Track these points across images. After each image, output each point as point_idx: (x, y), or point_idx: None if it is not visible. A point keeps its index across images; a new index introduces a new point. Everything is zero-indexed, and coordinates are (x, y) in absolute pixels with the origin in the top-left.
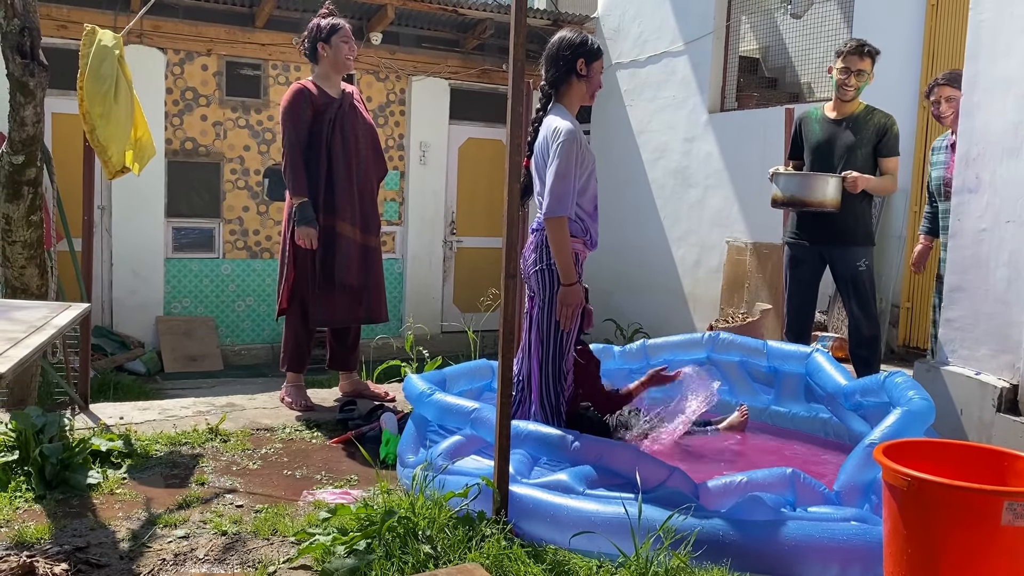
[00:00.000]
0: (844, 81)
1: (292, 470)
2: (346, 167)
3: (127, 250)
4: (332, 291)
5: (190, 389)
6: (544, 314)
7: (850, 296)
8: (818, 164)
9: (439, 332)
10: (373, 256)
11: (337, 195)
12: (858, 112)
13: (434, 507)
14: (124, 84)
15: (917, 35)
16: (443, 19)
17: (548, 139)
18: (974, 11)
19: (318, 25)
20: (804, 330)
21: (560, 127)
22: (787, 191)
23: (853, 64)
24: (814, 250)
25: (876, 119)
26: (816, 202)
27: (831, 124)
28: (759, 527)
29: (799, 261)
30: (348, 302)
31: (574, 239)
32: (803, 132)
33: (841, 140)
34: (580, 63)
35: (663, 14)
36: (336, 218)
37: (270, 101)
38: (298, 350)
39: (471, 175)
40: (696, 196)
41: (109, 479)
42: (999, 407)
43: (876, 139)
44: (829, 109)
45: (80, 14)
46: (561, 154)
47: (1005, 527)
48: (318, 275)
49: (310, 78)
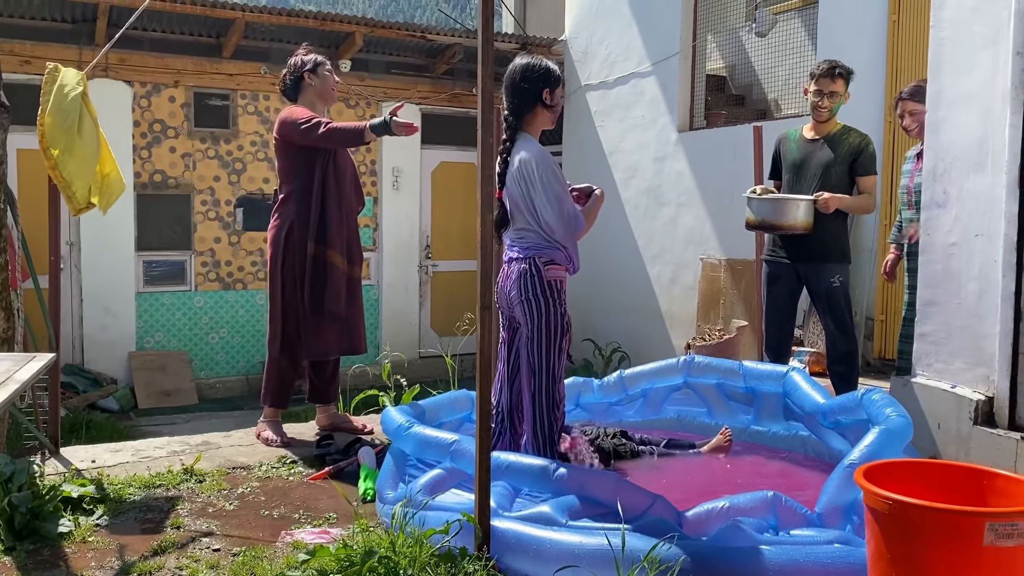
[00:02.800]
0: (818, 103)
1: (270, 509)
2: (337, 197)
3: (97, 285)
4: (322, 322)
5: (165, 425)
6: (534, 344)
7: (825, 312)
8: (794, 183)
9: (417, 358)
10: (356, 287)
11: (329, 225)
12: (834, 132)
13: (415, 545)
14: (88, 120)
15: (880, 50)
16: (411, 45)
17: (528, 173)
18: (935, 29)
19: (301, 60)
20: (783, 347)
21: (534, 158)
22: (759, 215)
23: (825, 86)
24: (791, 267)
25: (851, 139)
26: (788, 225)
27: (807, 143)
28: (743, 553)
29: (776, 278)
30: (337, 333)
31: (558, 266)
32: (781, 152)
33: (816, 159)
34: (546, 93)
35: (630, 35)
36: (328, 248)
37: (239, 131)
38: (282, 385)
39: (445, 199)
40: (669, 214)
41: (81, 527)
42: (976, 420)
43: (851, 158)
44: (807, 129)
45: (44, 49)
46: (547, 181)
47: (988, 547)
48: (307, 305)
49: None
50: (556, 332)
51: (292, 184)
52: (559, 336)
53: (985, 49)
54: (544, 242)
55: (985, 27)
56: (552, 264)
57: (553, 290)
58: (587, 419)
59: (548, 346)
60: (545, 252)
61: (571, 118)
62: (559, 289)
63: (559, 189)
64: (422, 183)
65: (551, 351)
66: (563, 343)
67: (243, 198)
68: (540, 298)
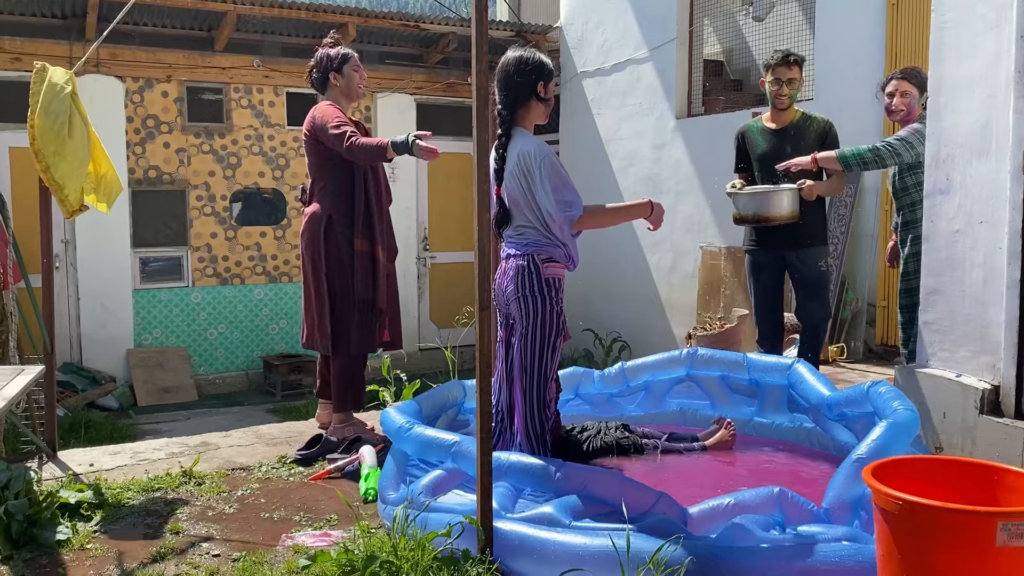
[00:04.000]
0: (777, 92)
1: (270, 512)
2: (377, 193)
3: (94, 283)
4: (372, 318)
5: (165, 423)
6: (526, 343)
7: (810, 296)
8: (766, 174)
9: (416, 350)
10: (394, 282)
11: (374, 220)
12: (797, 120)
13: (417, 548)
14: (79, 120)
15: (879, 34)
16: (405, 35)
17: (527, 165)
18: (936, 12)
19: (328, 55)
20: (777, 335)
21: (533, 146)
22: (747, 210)
23: (783, 75)
24: (775, 254)
25: (816, 125)
26: (777, 216)
27: (773, 134)
28: (750, 553)
29: (761, 267)
30: (382, 329)
31: (556, 263)
32: (747, 144)
33: (786, 149)
34: (540, 86)
35: (626, 21)
36: (374, 244)
37: (233, 125)
38: (355, 382)
39: (442, 190)
40: (668, 202)
41: (79, 533)
42: (981, 409)
43: (818, 143)
44: (768, 120)
45: (34, 45)
46: (546, 171)
47: (1000, 548)
48: (358, 301)
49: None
50: (551, 331)
51: (326, 179)
52: (553, 335)
53: (988, 32)
54: (544, 239)
55: (988, 9)
56: (551, 261)
57: (551, 288)
58: (588, 411)
59: (542, 344)
60: (544, 249)
61: (567, 106)
62: (557, 287)
63: (557, 180)
64: (418, 174)
65: (544, 350)
66: (557, 342)
67: (239, 192)
68: (536, 295)
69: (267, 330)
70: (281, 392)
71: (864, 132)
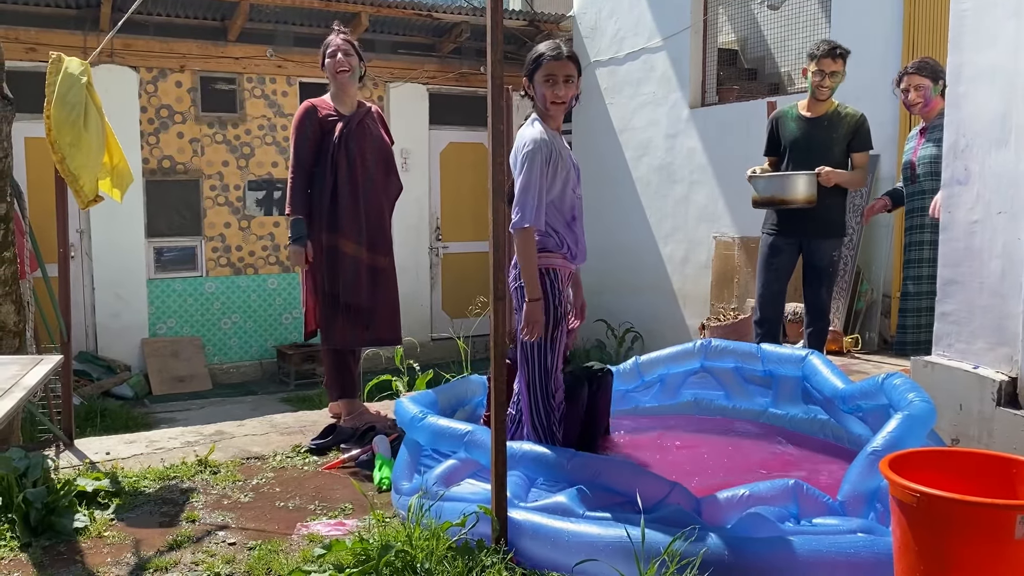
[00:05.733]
0: (819, 83)
1: (285, 501)
2: (351, 185)
3: (108, 273)
4: (338, 312)
5: (179, 412)
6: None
7: (821, 284)
8: (796, 160)
9: (429, 340)
10: (382, 276)
11: (341, 213)
12: (831, 110)
13: (432, 537)
14: (94, 111)
15: (896, 25)
16: (418, 24)
17: (516, 150)
18: (956, 1)
19: (322, 49)
20: (778, 319)
21: (527, 136)
22: (766, 192)
23: (827, 67)
24: (794, 241)
25: (849, 117)
26: (794, 199)
27: (807, 122)
28: (765, 544)
29: (778, 250)
30: (354, 324)
31: (550, 253)
32: (779, 130)
33: (818, 138)
34: (525, 82)
35: (640, 10)
36: (339, 237)
37: (247, 115)
38: (338, 374)
39: (454, 180)
40: (681, 192)
41: (97, 521)
42: (999, 401)
43: (850, 135)
44: (804, 108)
45: (49, 36)
46: (525, 165)
47: (1020, 540)
48: (325, 296)
49: (326, 95)
50: (546, 323)
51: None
52: (550, 327)
53: (1008, 20)
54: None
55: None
56: (543, 251)
57: (545, 279)
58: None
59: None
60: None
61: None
62: (552, 278)
63: (527, 178)
64: (431, 164)
65: (542, 342)
66: (555, 334)
67: (252, 182)
68: None
69: (280, 320)
70: (295, 381)
71: (880, 121)
